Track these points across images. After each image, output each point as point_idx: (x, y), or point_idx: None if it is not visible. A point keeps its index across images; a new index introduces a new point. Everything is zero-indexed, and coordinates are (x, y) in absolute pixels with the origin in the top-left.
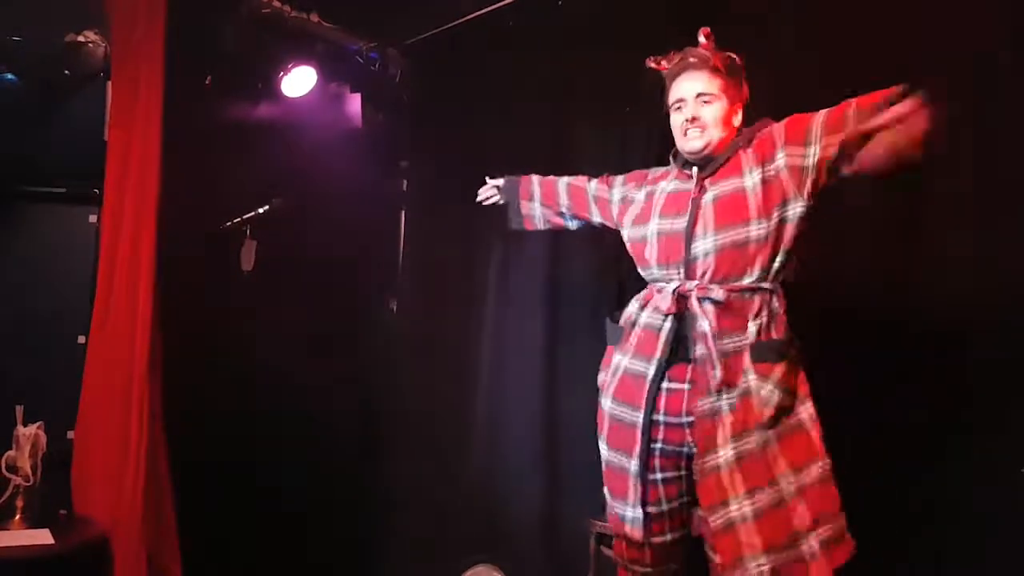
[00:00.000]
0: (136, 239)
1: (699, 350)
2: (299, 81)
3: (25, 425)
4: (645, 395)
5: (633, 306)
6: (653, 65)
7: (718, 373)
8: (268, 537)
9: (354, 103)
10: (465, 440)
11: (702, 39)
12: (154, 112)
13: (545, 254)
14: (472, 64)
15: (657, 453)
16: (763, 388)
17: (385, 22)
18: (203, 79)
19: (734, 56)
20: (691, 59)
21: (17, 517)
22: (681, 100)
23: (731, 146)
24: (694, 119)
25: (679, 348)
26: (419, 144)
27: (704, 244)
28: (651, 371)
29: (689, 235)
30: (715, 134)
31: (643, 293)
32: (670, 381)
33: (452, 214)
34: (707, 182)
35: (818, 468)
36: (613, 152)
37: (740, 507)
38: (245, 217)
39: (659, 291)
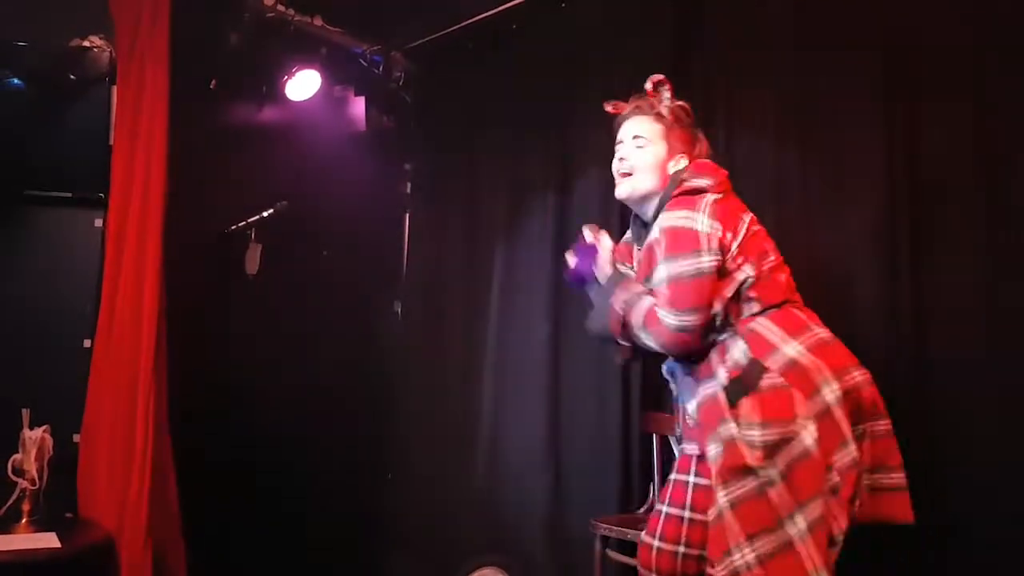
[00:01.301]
0: (141, 243)
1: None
2: (303, 84)
3: (31, 428)
4: None
5: None
6: (610, 109)
7: (690, 423)
8: (272, 539)
9: (358, 106)
10: (470, 442)
11: (648, 86)
12: (159, 116)
13: (549, 256)
14: (476, 67)
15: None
16: (747, 430)
17: (388, 25)
18: (208, 83)
19: (683, 106)
20: (636, 105)
21: (23, 520)
22: (619, 142)
23: (659, 204)
24: (622, 159)
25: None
26: (423, 147)
27: None
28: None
29: None
30: (642, 181)
31: None
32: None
33: (456, 216)
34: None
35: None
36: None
37: (743, 555)
38: (250, 221)
39: None
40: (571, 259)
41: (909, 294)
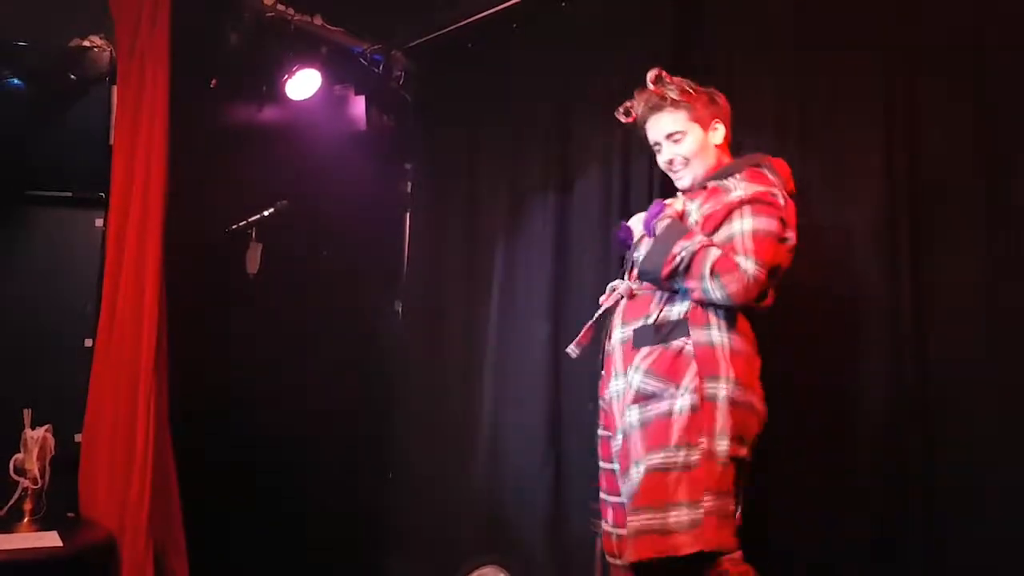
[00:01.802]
0: (142, 242)
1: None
2: (303, 84)
3: (33, 428)
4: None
5: None
6: (623, 119)
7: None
8: (273, 538)
9: (358, 105)
10: (470, 441)
11: (650, 85)
12: (159, 116)
13: (549, 255)
14: (476, 66)
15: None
16: (635, 373)
17: (389, 24)
18: (208, 83)
19: (684, 82)
20: (649, 104)
21: (25, 520)
22: (656, 144)
23: (724, 169)
24: (671, 160)
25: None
26: (423, 146)
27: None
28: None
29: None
30: (699, 167)
31: None
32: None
33: (457, 216)
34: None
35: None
36: (617, 152)
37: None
38: (251, 220)
39: None
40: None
41: (909, 294)
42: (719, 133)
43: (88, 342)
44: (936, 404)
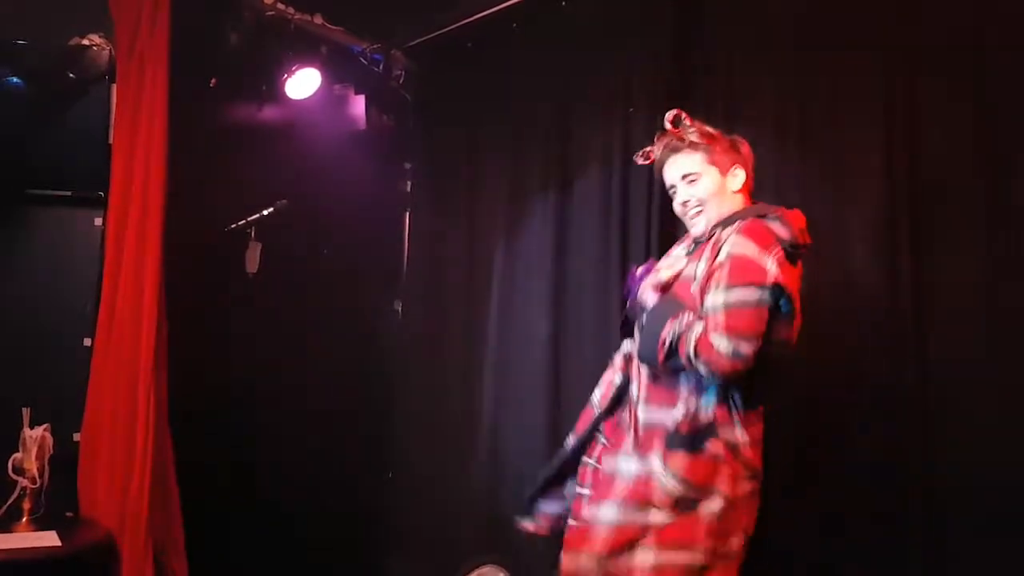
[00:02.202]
0: (141, 241)
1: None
2: (303, 83)
3: (32, 427)
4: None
5: None
6: (642, 161)
7: (631, 439)
8: (273, 538)
9: (358, 105)
10: (470, 441)
11: (668, 125)
12: (159, 115)
13: (550, 254)
14: (476, 65)
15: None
16: (666, 477)
17: (389, 23)
18: (207, 82)
19: (707, 128)
20: (666, 146)
21: (24, 519)
22: (672, 187)
23: (733, 216)
24: (685, 203)
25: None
26: (423, 145)
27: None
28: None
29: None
30: (714, 211)
31: None
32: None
33: (456, 214)
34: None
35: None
36: (616, 153)
37: (589, 564)
38: (250, 219)
39: None
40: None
41: (909, 294)
42: (738, 179)
43: (87, 341)
44: (936, 404)
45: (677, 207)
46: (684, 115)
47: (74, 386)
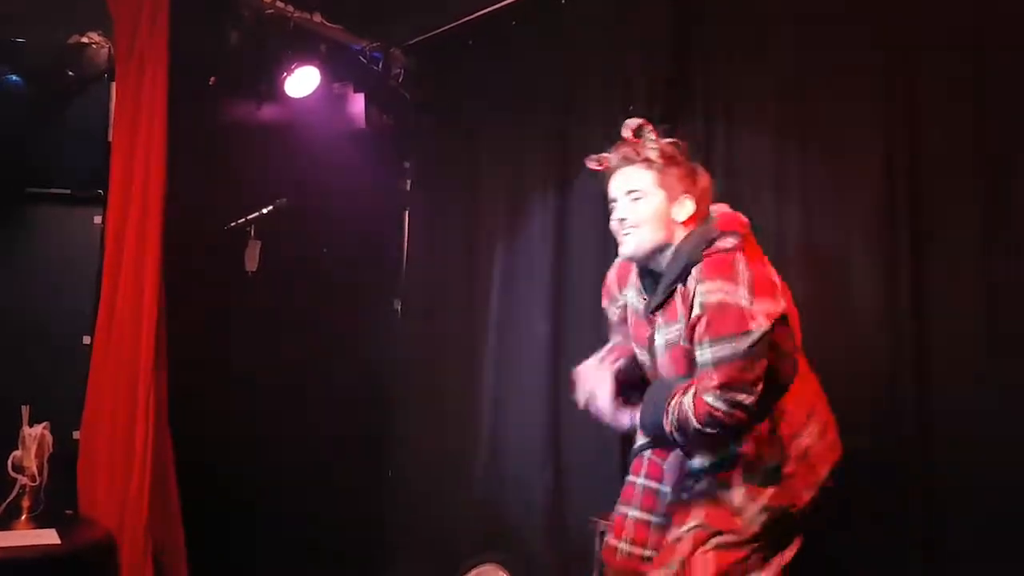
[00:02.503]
0: (141, 240)
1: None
2: (302, 81)
3: (31, 425)
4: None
5: None
6: (595, 166)
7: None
8: (273, 536)
9: (357, 103)
10: (470, 439)
11: (627, 133)
12: (158, 113)
13: (549, 252)
14: (475, 63)
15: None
16: (750, 507)
17: (388, 22)
18: (207, 80)
19: (673, 145)
20: (621, 155)
21: (23, 517)
22: (613, 200)
23: (677, 260)
24: (621, 220)
25: None
26: (422, 144)
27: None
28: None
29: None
30: (647, 235)
31: None
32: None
33: (455, 214)
34: (657, 317)
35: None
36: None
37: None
38: (249, 217)
39: None
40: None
41: (909, 294)
42: (684, 209)
43: (87, 339)
44: (936, 404)
45: (613, 221)
46: (649, 127)
47: (74, 384)
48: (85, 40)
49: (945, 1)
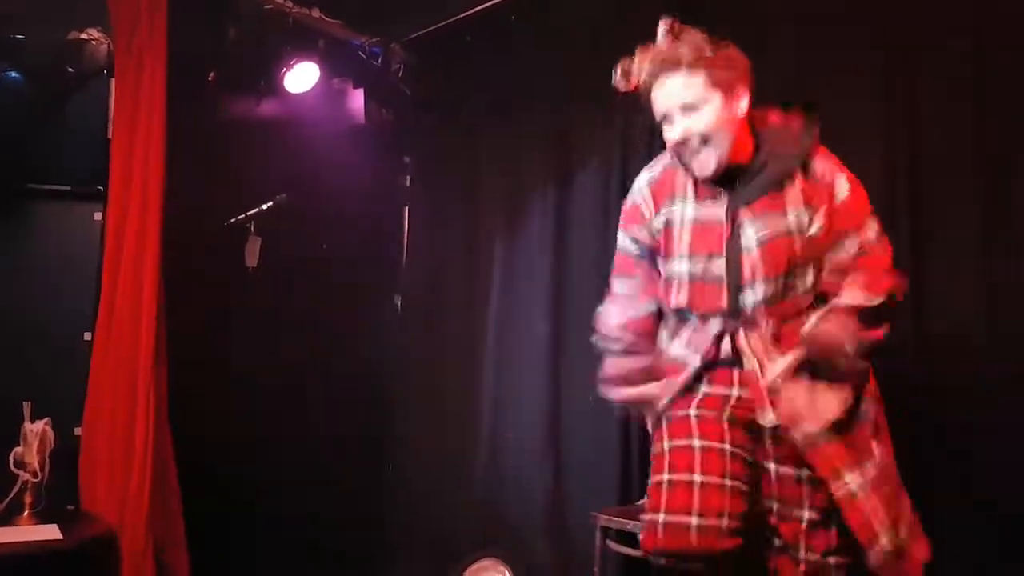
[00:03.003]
0: (141, 236)
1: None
2: (302, 77)
3: (33, 421)
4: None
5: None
6: (622, 85)
7: (769, 417)
8: (273, 532)
9: (357, 99)
10: (470, 435)
11: (662, 34)
12: (157, 109)
13: (549, 249)
14: (475, 59)
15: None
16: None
17: (387, 17)
18: (206, 76)
19: (708, 40)
20: (659, 65)
21: (25, 512)
22: (665, 117)
23: (776, 152)
24: (685, 140)
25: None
26: (422, 140)
27: (752, 295)
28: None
29: (734, 284)
30: (722, 146)
31: (671, 325)
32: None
33: (455, 209)
34: (744, 212)
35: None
36: (615, 147)
37: (854, 479)
38: (249, 214)
39: (695, 330)
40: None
41: (909, 294)
42: (743, 102)
43: (87, 335)
44: (936, 404)
45: (671, 142)
46: (678, 24)
47: (74, 380)
48: (84, 37)
49: (945, 1)
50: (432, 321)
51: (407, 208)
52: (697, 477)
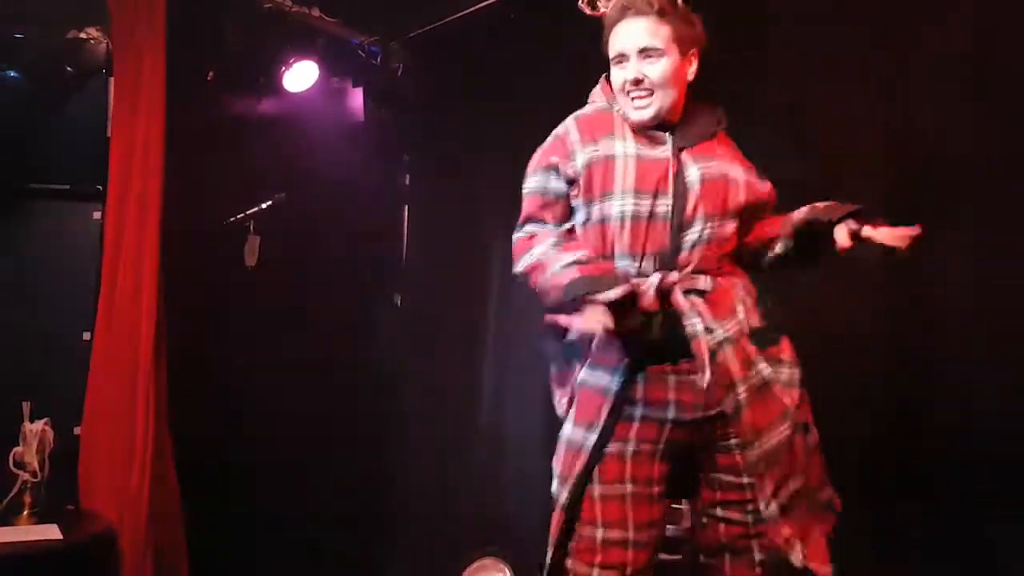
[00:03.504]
0: (140, 235)
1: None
2: (301, 76)
3: (32, 421)
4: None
5: None
6: (587, 10)
7: (707, 376)
8: (274, 531)
9: (356, 97)
10: (470, 434)
11: None
12: (156, 108)
13: None
14: (474, 57)
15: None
16: (782, 372)
17: (387, 15)
18: (205, 74)
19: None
20: (630, 3)
21: (25, 512)
22: (622, 55)
23: (700, 114)
24: (637, 81)
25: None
26: (421, 138)
27: (692, 233)
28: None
29: (678, 222)
30: (666, 98)
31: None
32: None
33: (455, 208)
34: (685, 154)
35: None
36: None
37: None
38: (249, 213)
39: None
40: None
41: (909, 294)
42: (693, 67)
43: (87, 335)
44: (935, 404)
45: (621, 80)
46: None
47: (74, 380)
48: (83, 36)
49: (945, 1)
50: (432, 320)
51: (407, 207)
52: (631, 534)
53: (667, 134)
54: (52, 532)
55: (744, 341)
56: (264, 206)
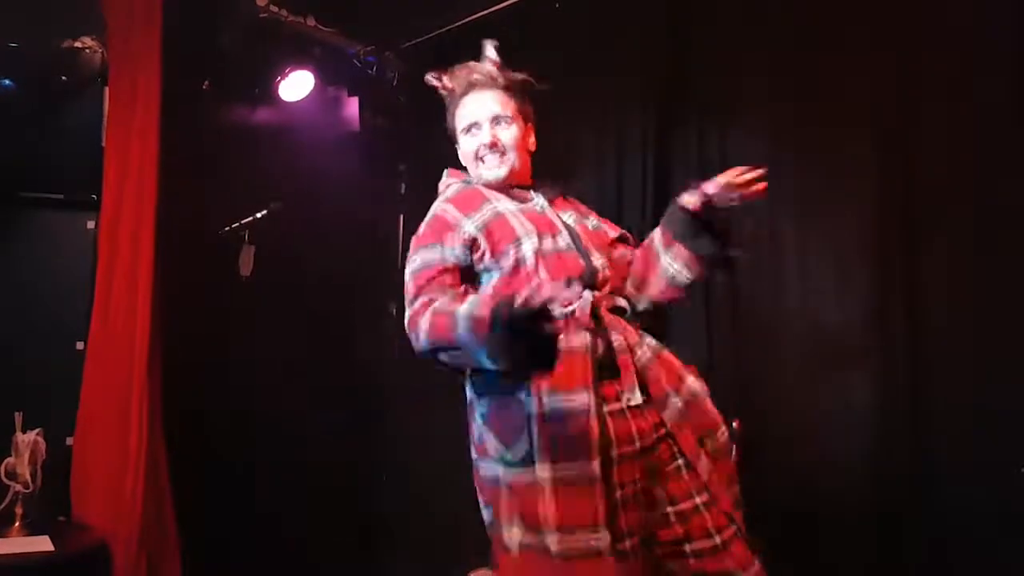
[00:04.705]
0: (134, 245)
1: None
2: (297, 85)
3: (24, 432)
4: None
5: None
6: (436, 84)
7: (637, 393)
8: (268, 542)
9: (352, 107)
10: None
11: (491, 53)
12: (151, 117)
13: None
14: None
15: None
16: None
17: (382, 25)
18: (200, 84)
19: (523, 75)
20: (479, 76)
21: (16, 524)
22: (473, 124)
23: (542, 181)
24: (493, 144)
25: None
26: (417, 147)
27: (597, 259)
28: (591, 401)
29: (582, 250)
30: (517, 160)
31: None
32: (608, 403)
33: None
34: (551, 207)
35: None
36: (610, 154)
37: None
38: (243, 222)
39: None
40: None
41: (907, 295)
42: (533, 139)
43: (80, 345)
44: (934, 404)
45: (473, 145)
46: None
47: (67, 390)
48: (78, 45)
49: (945, 1)
50: None
51: (402, 216)
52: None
53: (530, 191)
54: (44, 544)
55: (667, 354)
56: (259, 215)
